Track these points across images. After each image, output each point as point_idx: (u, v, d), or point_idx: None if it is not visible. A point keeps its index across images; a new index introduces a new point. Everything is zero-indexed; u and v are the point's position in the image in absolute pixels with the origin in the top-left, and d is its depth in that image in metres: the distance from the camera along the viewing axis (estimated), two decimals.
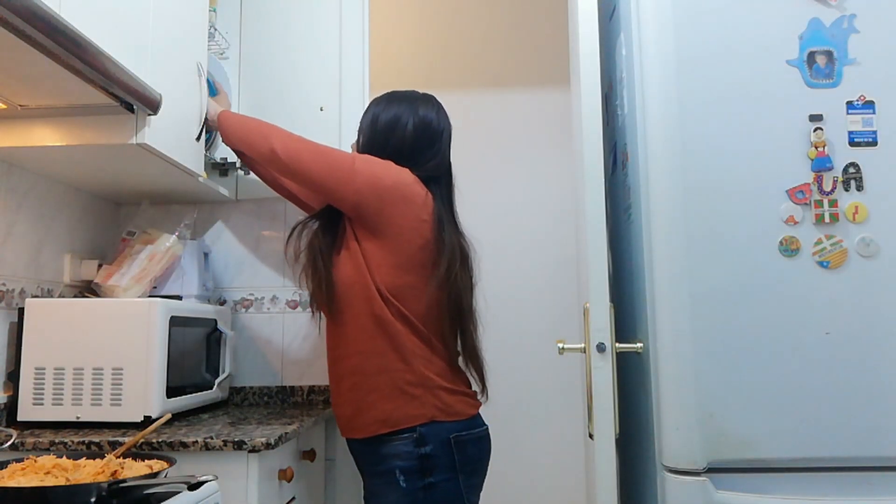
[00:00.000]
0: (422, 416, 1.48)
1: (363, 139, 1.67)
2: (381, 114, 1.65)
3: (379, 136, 1.64)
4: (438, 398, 1.51)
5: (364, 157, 1.58)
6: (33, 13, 1.11)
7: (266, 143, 1.61)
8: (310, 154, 1.57)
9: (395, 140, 1.62)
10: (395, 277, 1.52)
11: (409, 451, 1.47)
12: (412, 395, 1.49)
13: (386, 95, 1.70)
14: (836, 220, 1.49)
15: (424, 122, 1.65)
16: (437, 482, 1.47)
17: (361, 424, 1.52)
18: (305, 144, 1.59)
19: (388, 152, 1.61)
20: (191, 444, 1.43)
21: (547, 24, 3.09)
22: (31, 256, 1.78)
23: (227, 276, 2.19)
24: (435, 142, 1.66)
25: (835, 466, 1.44)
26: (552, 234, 2.98)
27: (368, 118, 1.67)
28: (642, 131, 1.57)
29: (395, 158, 1.60)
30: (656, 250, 1.52)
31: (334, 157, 1.56)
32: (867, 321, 1.46)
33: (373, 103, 1.70)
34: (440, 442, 1.48)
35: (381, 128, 1.64)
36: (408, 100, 1.67)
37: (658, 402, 1.50)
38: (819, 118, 1.51)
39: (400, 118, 1.64)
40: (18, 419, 1.61)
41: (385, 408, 1.49)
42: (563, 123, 2.97)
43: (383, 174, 1.54)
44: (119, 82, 1.39)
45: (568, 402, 2.87)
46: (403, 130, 1.62)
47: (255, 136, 1.65)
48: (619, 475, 1.63)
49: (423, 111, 1.66)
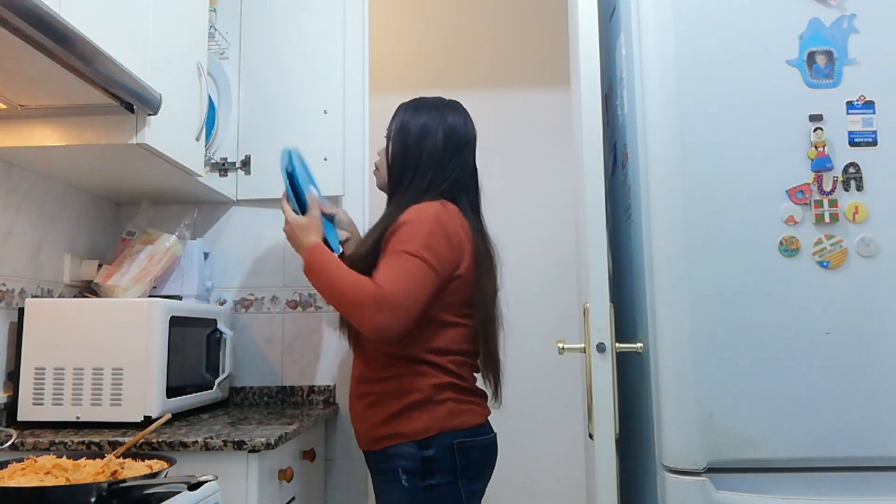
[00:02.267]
0: (429, 431, 1.50)
1: (395, 147, 1.66)
2: (411, 121, 1.65)
3: (412, 146, 1.63)
4: (447, 408, 1.52)
5: (434, 252, 1.50)
6: (33, 13, 1.11)
7: (363, 312, 1.46)
8: (410, 300, 1.46)
9: (428, 148, 1.62)
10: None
11: (413, 452, 1.49)
12: (424, 410, 1.51)
13: (413, 102, 1.70)
14: (836, 220, 1.49)
15: (453, 129, 1.65)
16: (438, 484, 1.49)
17: (373, 439, 1.55)
18: (402, 292, 1.46)
19: (422, 160, 1.62)
20: (191, 444, 1.43)
21: (547, 24, 3.09)
22: (31, 256, 1.78)
23: (227, 276, 2.19)
24: (463, 149, 1.66)
25: (835, 466, 1.44)
26: (552, 234, 2.98)
27: (397, 125, 1.67)
28: (642, 131, 1.57)
29: (426, 166, 1.61)
30: (656, 250, 1.52)
31: (420, 275, 1.48)
32: (867, 321, 1.46)
33: (401, 109, 1.69)
34: (443, 447, 1.50)
35: (412, 136, 1.63)
36: (436, 107, 1.68)
37: (658, 402, 1.50)
38: (819, 118, 1.51)
39: (430, 126, 1.64)
40: (18, 419, 1.61)
41: (395, 426, 1.52)
42: (563, 123, 2.97)
43: (448, 254, 1.53)
44: (119, 82, 1.39)
45: (568, 402, 2.87)
46: (434, 138, 1.63)
47: (349, 306, 1.50)
48: (619, 475, 1.63)
49: (451, 118, 1.66)
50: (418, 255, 1.48)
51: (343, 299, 1.50)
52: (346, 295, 1.49)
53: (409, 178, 1.62)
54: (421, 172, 1.62)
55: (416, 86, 3.05)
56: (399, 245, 1.50)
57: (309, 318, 2.17)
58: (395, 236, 1.52)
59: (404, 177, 1.63)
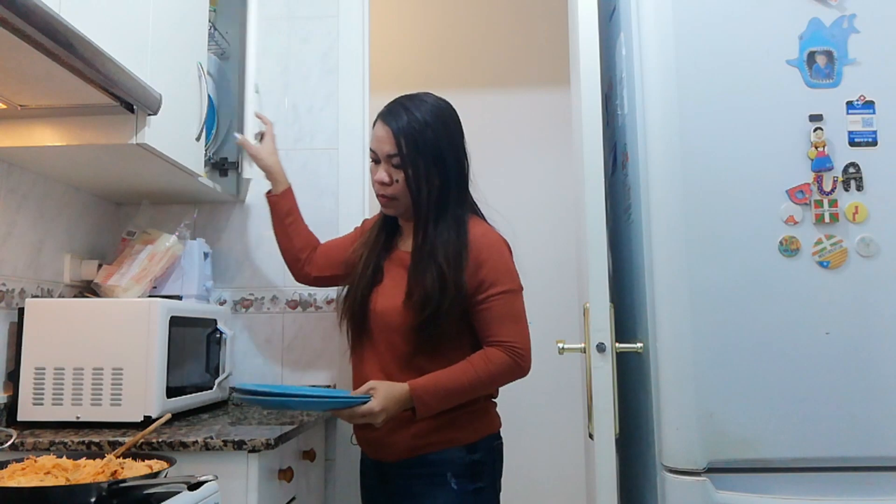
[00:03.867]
0: (478, 434, 1.53)
1: (441, 180, 1.54)
2: (441, 142, 1.54)
3: (461, 174, 1.59)
4: (488, 411, 1.58)
5: (513, 274, 1.55)
6: (33, 13, 1.11)
7: (513, 378, 1.52)
8: (528, 334, 1.55)
9: (466, 169, 1.61)
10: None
11: (462, 456, 1.49)
12: (475, 414, 1.53)
13: (402, 112, 1.54)
14: (836, 220, 1.49)
15: (456, 120, 1.60)
16: (483, 487, 1.51)
17: (416, 446, 1.51)
18: (523, 334, 1.54)
19: (451, 172, 1.56)
20: (191, 444, 1.43)
21: (547, 24, 3.09)
22: (31, 256, 1.78)
23: (227, 276, 2.19)
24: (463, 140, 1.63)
25: (835, 466, 1.44)
26: (552, 234, 2.98)
27: (410, 143, 1.51)
28: (642, 131, 1.57)
29: (459, 178, 1.59)
30: (656, 250, 1.52)
31: (522, 305, 1.56)
32: (867, 321, 1.46)
33: (422, 126, 1.52)
34: (489, 449, 1.54)
35: (452, 162, 1.56)
36: (443, 121, 1.56)
37: (658, 401, 1.50)
38: (819, 118, 1.51)
39: (459, 145, 1.59)
40: (18, 419, 1.61)
41: (448, 431, 1.51)
42: (563, 123, 2.97)
43: (514, 268, 1.58)
44: (119, 82, 1.39)
45: (568, 402, 2.87)
46: (466, 155, 1.61)
47: (498, 383, 1.54)
48: (619, 475, 1.63)
49: (453, 126, 1.59)
50: (515, 288, 1.54)
51: (487, 388, 1.51)
52: (488, 382, 1.49)
53: (445, 196, 1.55)
54: (455, 186, 1.57)
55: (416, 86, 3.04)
56: (498, 287, 1.51)
57: (309, 318, 2.17)
58: (489, 277, 1.50)
59: (441, 194, 1.55)
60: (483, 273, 1.50)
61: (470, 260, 1.50)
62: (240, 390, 1.41)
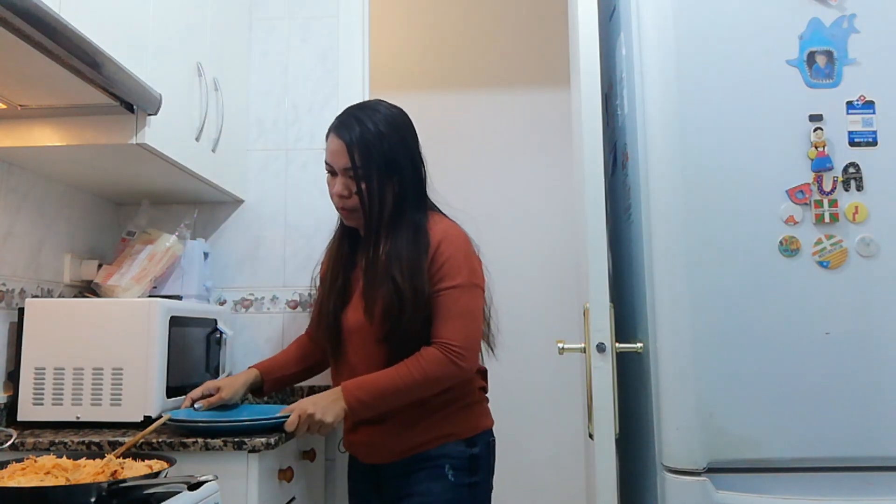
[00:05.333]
0: (476, 429, 1.54)
1: (397, 188, 1.54)
2: (396, 151, 1.52)
3: (417, 180, 1.58)
4: (483, 407, 1.60)
5: (466, 270, 1.50)
6: (33, 13, 1.11)
7: (451, 379, 1.48)
8: (475, 336, 1.50)
9: (423, 174, 1.59)
10: None
11: (461, 450, 1.51)
12: (471, 410, 1.56)
13: (378, 126, 1.52)
14: (836, 220, 1.49)
15: (415, 138, 1.60)
16: (478, 482, 1.52)
17: (416, 444, 1.51)
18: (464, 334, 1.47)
19: (423, 186, 1.59)
20: (191, 444, 1.43)
21: (547, 24, 3.09)
22: (31, 256, 1.78)
23: (227, 276, 2.19)
24: (415, 137, 1.60)
25: (835, 466, 1.44)
26: (552, 234, 2.98)
27: (363, 154, 1.50)
28: (642, 131, 1.57)
29: (413, 179, 1.56)
30: (656, 250, 1.52)
31: (466, 303, 1.49)
32: (867, 321, 1.46)
33: (376, 137, 1.51)
34: (485, 443, 1.55)
35: (408, 169, 1.55)
36: (396, 129, 1.55)
37: (658, 401, 1.50)
38: (819, 118, 1.51)
39: (413, 151, 1.58)
40: (18, 419, 1.61)
41: (446, 427, 1.52)
42: (563, 123, 2.97)
43: (479, 266, 1.56)
44: (119, 82, 1.39)
45: (568, 402, 2.87)
46: (422, 160, 1.60)
47: (435, 387, 1.48)
48: (619, 475, 1.63)
49: (407, 134, 1.57)
50: (464, 283, 1.49)
51: (425, 389, 1.46)
52: (423, 382, 1.44)
53: (402, 204, 1.55)
54: (412, 192, 1.56)
55: (417, 86, 3.05)
56: (447, 282, 1.48)
57: (309, 318, 2.17)
58: (440, 272, 1.48)
59: (397, 202, 1.55)
60: (435, 268, 1.49)
61: (429, 258, 1.49)
62: (174, 420, 1.48)
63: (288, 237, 2.19)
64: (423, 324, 1.48)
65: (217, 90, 1.95)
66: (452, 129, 2.99)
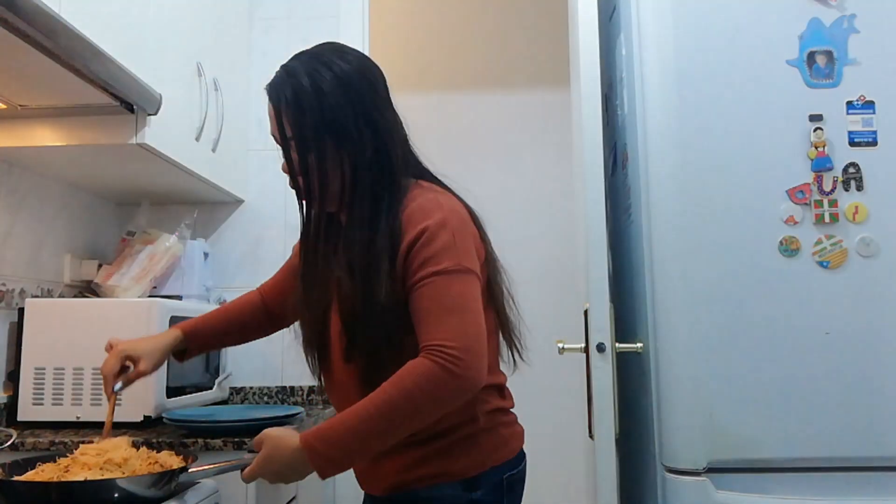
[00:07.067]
0: (479, 467, 1.17)
1: (349, 161, 1.16)
2: (340, 111, 1.15)
3: (380, 147, 1.18)
4: (496, 437, 1.21)
5: (453, 250, 1.10)
6: (33, 13, 1.11)
7: (451, 398, 1.07)
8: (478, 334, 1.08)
9: (392, 136, 1.20)
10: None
11: (457, 495, 1.16)
12: (474, 443, 1.18)
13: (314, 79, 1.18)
14: (836, 220, 1.49)
15: (376, 91, 1.21)
16: None
17: (402, 482, 1.19)
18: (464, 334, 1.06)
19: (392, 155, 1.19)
20: (191, 444, 1.43)
21: (547, 24, 3.09)
22: (31, 256, 1.78)
23: (227, 276, 2.19)
24: (383, 91, 1.22)
25: (835, 466, 1.44)
26: (552, 234, 2.98)
27: (321, 124, 1.15)
28: (642, 131, 1.57)
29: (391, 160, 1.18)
30: (656, 250, 1.52)
31: (458, 290, 1.09)
32: (867, 321, 1.46)
33: (309, 94, 1.16)
34: (492, 485, 1.18)
35: (366, 133, 1.17)
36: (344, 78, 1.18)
37: (658, 402, 1.50)
38: (819, 118, 1.51)
39: (371, 109, 1.18)
40: (18, 419, 1.61)
41: (439, 464, 1.17)
42: (563, 123, 2.97)
43: (477, 248, 1.19)
44: (119, 82, 1.39)
45: (568, 402, 2.87)
46: (391, 119, 1.21)
47: (433, 408, 1.07)
48: (619, 475, 1.63)
49: (364, 89, 1.18)
50: (452, 268, 1.09)
51: (419, 414, 1.06)
52: (411, 412, 1.05)
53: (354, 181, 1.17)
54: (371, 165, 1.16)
55: (417, 86, 3.05)
56: (427, 268, 1.09)
57: None
58: (417, 258, 1.10)
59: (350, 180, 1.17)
60: (412, 256, 1.10)
61: (405, 244, 1.11)
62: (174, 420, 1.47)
63: (288, 237, 2.19)
64: (395, 324, 1.12)
65: (217, 90, 1.95)
66: (452, 129, 2.99)
